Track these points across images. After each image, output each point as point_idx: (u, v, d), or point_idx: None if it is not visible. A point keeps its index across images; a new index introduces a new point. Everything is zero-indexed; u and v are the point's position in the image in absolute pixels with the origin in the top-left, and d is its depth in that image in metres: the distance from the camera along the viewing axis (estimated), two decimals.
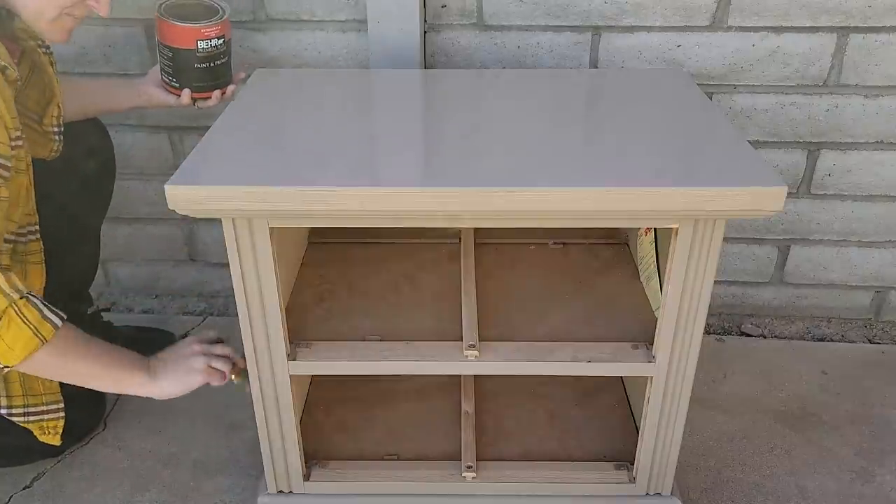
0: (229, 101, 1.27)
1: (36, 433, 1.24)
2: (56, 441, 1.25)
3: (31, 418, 1.22)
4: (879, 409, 1.47)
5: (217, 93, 1.29)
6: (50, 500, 1.28)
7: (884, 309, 1.72)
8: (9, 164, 1.01)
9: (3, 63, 1.02)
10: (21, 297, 0.98)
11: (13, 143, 1.02)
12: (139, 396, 1.45)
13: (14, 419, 1.21)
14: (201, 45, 1.21)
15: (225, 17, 1.24)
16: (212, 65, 1.25)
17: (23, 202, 1.10)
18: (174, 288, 1.81)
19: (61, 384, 1.24)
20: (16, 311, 0.97)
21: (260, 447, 1.15)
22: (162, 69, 1.27)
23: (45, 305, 1.01)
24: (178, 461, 1.35)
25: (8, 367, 1.00)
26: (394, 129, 1.11)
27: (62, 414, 1.24)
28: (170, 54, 1.23)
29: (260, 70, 1.34)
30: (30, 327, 0.98)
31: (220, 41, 1.24)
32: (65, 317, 1.03)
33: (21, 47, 1.14)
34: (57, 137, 1.23)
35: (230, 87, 1.30)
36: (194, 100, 1.28)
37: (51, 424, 1.24)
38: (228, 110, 1.14)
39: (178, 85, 1.26)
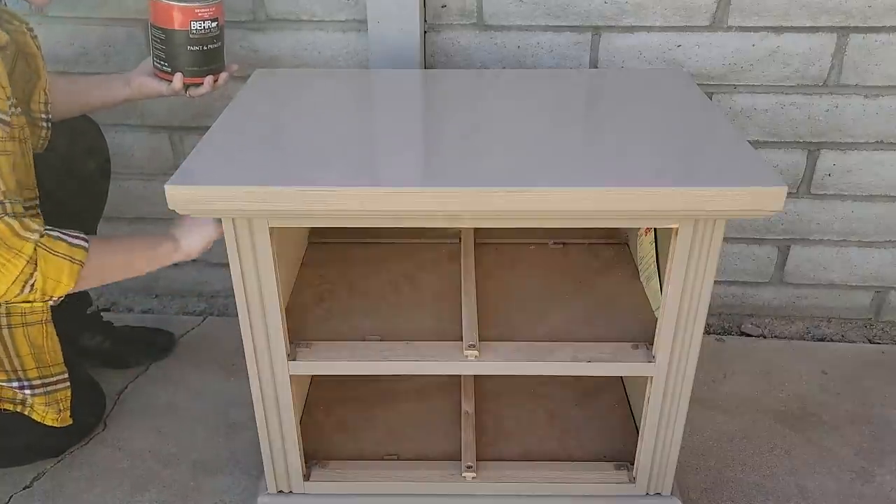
0: (220, 90, 1.28)
1: (51, 417, 1.25)
2: (67, 419, 1.27)
3: (49, 388, 1.24)
4: (879, 409, 1.48)
5: (209, 79, 1.26)
6: (50, 500, 1.28)
7: (884, 309, 1.72)
8: (8, 119, 1.03)
9: None
10: (42, 235, 1.02)
11: (9, 108, 1.03)
12: (141, 397, 1.46)
13: (35, 393, 1.22)
14: (195, 25, 1.20)
15: (219, 0, 1.23)
16: (205, 48, 1.23)
17: (21, 174, 1.10)
18: (174, 288, 1.81)
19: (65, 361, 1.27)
20: (45, 249, 1.01)
21: (260, 447, 1.15)
22: (154, 55, 1.26)
23: (66, 233, 1.05)
24: (178, 461, 1.35)
25: (62, 296, 1.06)
26: (394, 129, 1.11)
27: (69, 384, 1.27)
28: (162, 36, 1.22)
29: (260, 70, 1.34)
30: (65, 258, 1.03)
31: (214, 24, 1.23)
32: (87, 237, 1.07)
33: (5, 30, 1.13)
34: (45, 125, 1.22)
35: (223, 76, 1.29)
36: (186, 86, 1.26)
37: (62, 396, 1.26)
38: (228, 110, 1.14)
39: (169, 69, 1.25)
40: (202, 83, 1.27)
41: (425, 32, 1.48)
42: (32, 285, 1.02)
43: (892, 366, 1.60)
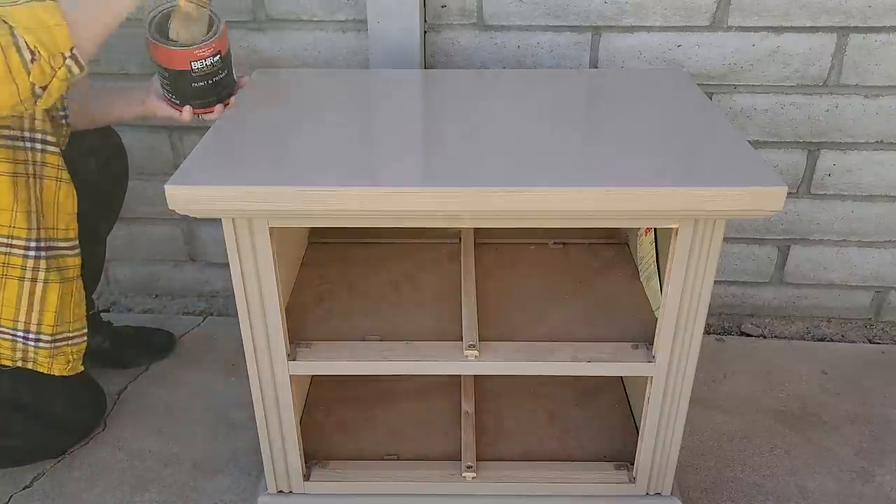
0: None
1: (59, 367, 1.24)
2: (78, 367, 1.27)
3: (59, 344, 1.23)
4: (879, 409, 1.48)
5: (219, 106, 1.22)
6: (50, 500, 1.28)
7: (884, 309, 1.72)
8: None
9: None
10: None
11: None
12: (141, 397, 1.46)
13: (39, 346, 1.21)
14: (195, 65, 1.15)
15: (219, 33, 1.16)
16: (210, 82, 1.19)
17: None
18: (174, 288, 1.81)
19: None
20: (2, 16, 0.90)
21: (260, 447, 1.15)
22: (162, 86, 1.22)
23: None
24: (178, 461, 1.35)
25: (72, 47, 0.95)
26: (394, 129, 1.11)
27: (85, 339, 1.27)
28: (166, 75, 1.18)
29: (260, 70, 1.34)
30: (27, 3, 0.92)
31: (217, 58, 1.17)
32: None
33: None
34: (64, 122, 1.23)
35: (233, 98, 1.24)
36: (197, 114, 1.23)
37: (74, 350, 1.26)
38: (228, 110, 1.14)
39: (178, 102, 1.21)
40: (213, 111, 1.22)
41: (425, 32, 1.48)
42: (31, 51, 0.89)
43: (892, 366, 1.60)
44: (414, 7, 1.40)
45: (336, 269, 1.29)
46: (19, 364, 1.22)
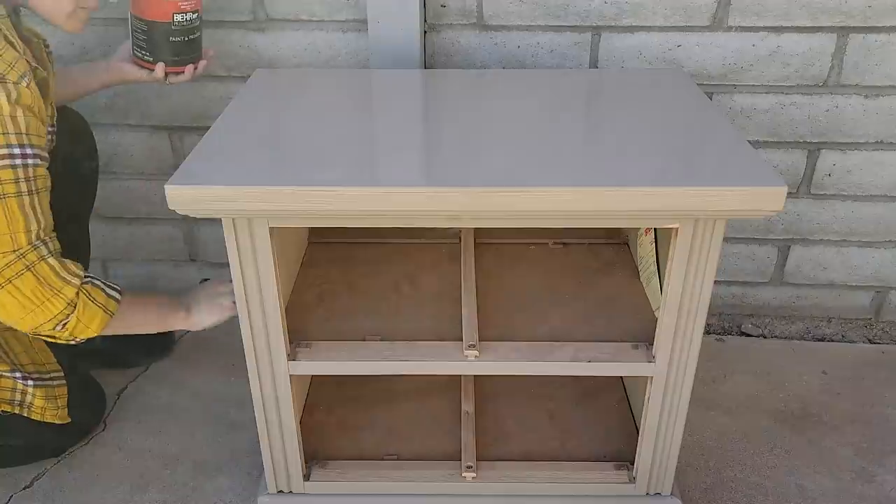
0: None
1: (50, 413, 1.25)
2: (66, 417, 1.28)
3: (46, 381, 1.26)
4: (879, 409, 1.47)
5: (190, 67, 1.30)
6: (50, 500, 1.28)
7: (884, 309, 1.72)
8: (47, 155, 1.07)
9: (34, 64, 1.06)
10: (84, 282, 1.08)
11: (47, 143, 1.08)
12: (141, 397, 1.46)
13: (36, 384, 1.24)
14: (177, 18, 1.23)
15: None
16: (186, 39, 1.26)
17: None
18: (174, 288, 1.80)
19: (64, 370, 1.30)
20: (86, 295, 1.08)
21: (260, 447, 1.15)
22: (134, 44, 1.28)
23: (104, 283, 1.12)
24: (178, 461, 1.35)
25: (83, 339, 1.11)
26: (394, 129, 1.11)
27: (65, 382, 1.29)
28: (144, 27, 1.24)
29: (260, 70, 1.34)
30: (100, 307, 1.10)
31: (195, 15, 1.25)
32: (120, 289, 1.14)
33: (28, 47, 1.15)
34: (50, 137, 1.23)
35: (202, 63, 1.32)
36: (166, 74, 1.29)
37: (59, 392, 1.28)
38: (228, 110, 1.14)
39: (151, 59, 1.27)
40: (183, 72, 1.30)
41: (425, 32, 1.48)
42: (65, 325, 1.07)
43: (892, 366, 1.60)
44: (414, 7, 1.40)
45: (336, 269, 1.29)
46: (17, 410, 1.23)
